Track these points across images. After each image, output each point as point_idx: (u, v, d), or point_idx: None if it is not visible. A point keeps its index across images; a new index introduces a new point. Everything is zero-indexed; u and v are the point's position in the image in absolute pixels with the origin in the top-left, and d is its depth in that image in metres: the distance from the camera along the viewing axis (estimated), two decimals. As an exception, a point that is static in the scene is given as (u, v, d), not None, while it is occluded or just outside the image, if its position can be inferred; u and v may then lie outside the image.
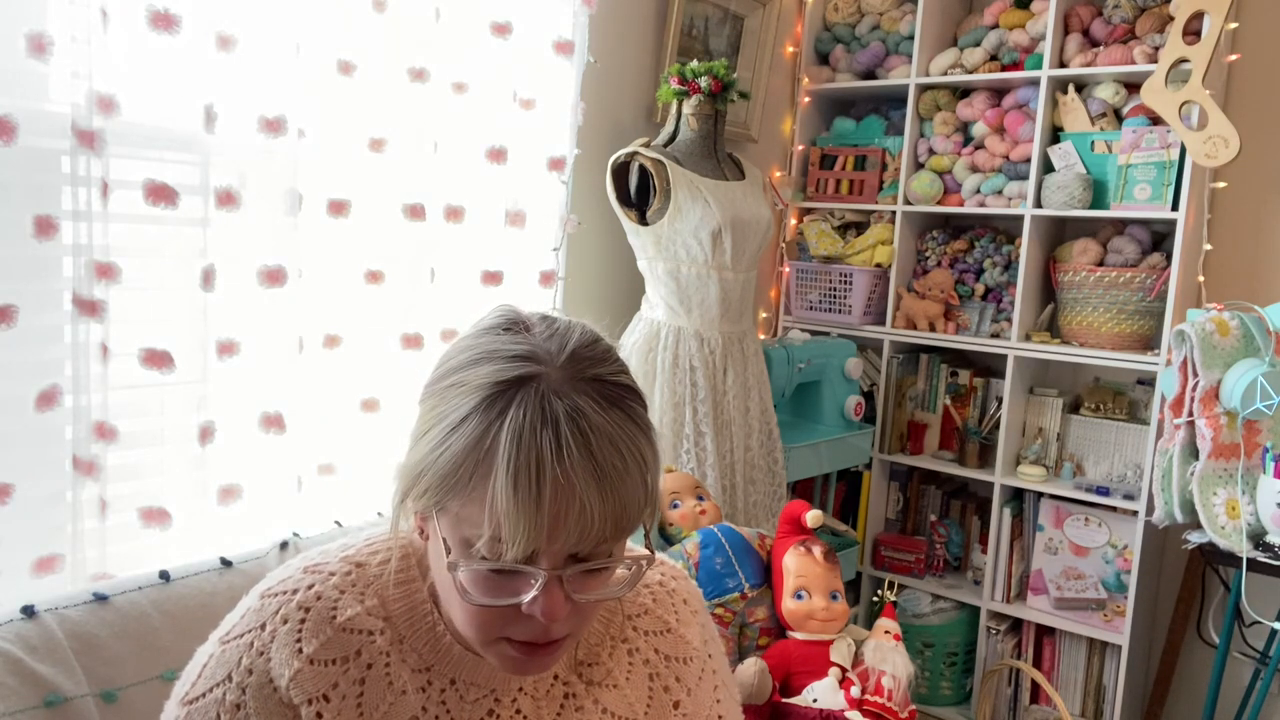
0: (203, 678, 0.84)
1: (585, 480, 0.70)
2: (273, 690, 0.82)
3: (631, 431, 0.74)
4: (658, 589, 0.98)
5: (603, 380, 0.75)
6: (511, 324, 0.79)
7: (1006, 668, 2.63)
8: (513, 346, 0.75)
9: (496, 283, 2.03)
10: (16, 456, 1.35)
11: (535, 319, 0.81)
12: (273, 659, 0.82)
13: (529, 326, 0.79)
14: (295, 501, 1.70)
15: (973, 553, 2.81)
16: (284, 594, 0.85)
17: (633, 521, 0.75)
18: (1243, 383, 2.05)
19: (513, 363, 0.74)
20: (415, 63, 1.79)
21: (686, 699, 0.96)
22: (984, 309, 2.72)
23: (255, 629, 0.83)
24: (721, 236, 2.14)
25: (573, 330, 0.79)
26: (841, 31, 2.96)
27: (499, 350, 0.75)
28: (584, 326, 0.80)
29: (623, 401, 0.75)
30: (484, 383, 0.73)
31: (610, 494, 0.72)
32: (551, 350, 0.75)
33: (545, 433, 0.70)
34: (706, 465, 2.18)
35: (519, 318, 0.81)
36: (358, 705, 0.84)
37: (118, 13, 1.38)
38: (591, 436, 0.71)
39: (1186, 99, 2.23)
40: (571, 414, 0.71)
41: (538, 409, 0.71)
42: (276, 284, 1.61)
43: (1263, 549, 2.03)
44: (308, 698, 0.82)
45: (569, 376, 0.74)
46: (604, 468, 0.71)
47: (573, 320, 0.81)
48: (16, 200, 1.31)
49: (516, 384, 0.73)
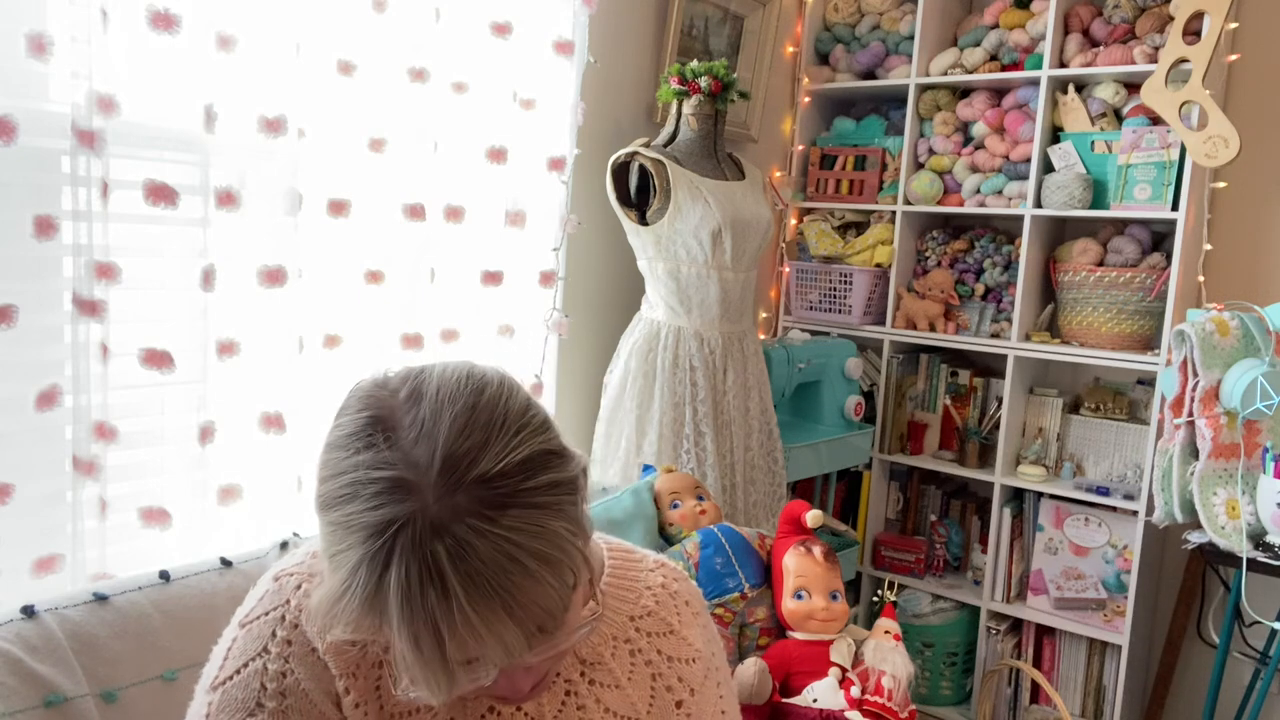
0: (230, 658, 0.83)
1: (488, 616, 0.66)
2: (315, 655, 0.82)
3: (531, 528, 0.67)
4: (660, 591, 0.98)
5: (485, 480, 0.67)
6: (373, 428, 0.70)
7: (1006, 668, 2.63)
8: (378, 471, 0.68)
9: (496, 283, 2.03)
10: (16, 456, 1.35)
11: (402, 405, 0.71)
12: (306, 629, 0.82)
13: (394, 428, 0.70)
14: (295, 501, 1.70)
15: (973, 553, 2.81)
16: (299, 573, 0.86)
17: (560, 608, 0.70)
18: (1243, 383, 2.05)
19: (382, 499, 0.67)
20: (415, 63, 1.79)
21: (690, 699, 0.97)
22: (984, 309, 2.72)
23: (280, 604, 0.84)
24: (721, 236, 2.14)
25: (445, 409, 0.69)
26: (841, 31, 2.96)
27: (365, 479, 0.68)
28: (459, 388, 0.71)
29: (518, 494, 0.68)
30: (360, 526, 0.67)
31: (518, 611, 0.67)
32: (421, 463, 0.67)
33: (430, 590, 0.65)
34: (706, 465, 2.18)
35: (380, 415, 0.71)
36: (376, 689, 0.84)
37: (118, 13, 1.38)
38: (483, 571, 0.65)
39: (1186, 99, 2.23)
40: (454, 555, 0.65)
41: (416, 564, 0.65)
42: (276, 284, 1.61)
43: (1263, 549, 2.03)
44: (339, 672, 0.83)
45: (445, 497, 0.66)
46: (507, 594, 0.66)
47: (449, 378, 0.72)
48: (16, 200, 1.31)
49: (392, 532, 0.66)
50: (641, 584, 0.98)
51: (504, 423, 0.70)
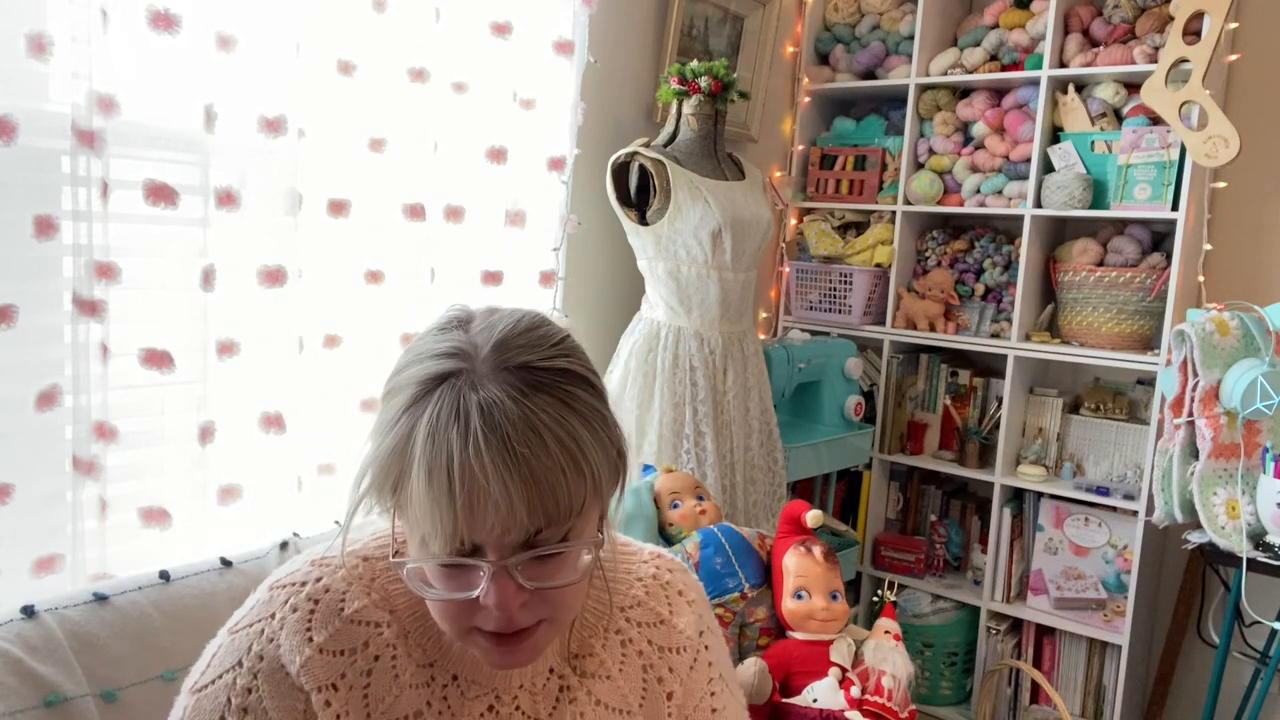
0: (212, 666, 0.85)
1: (497, 470, 0.70)
2: (285, 675, 0.83)
3: (558, 415, 0.73)
4: (651, 582, 0.98)
5: (530, 367, 0.74)
6: (450, 322, 0.80)
7: (1006, 668, 2.63)
8: (441, 344, 0.76)
9: (496, 283, 2.03)
10: (16, 456, 1.35)
11: (479, 314, 0.81)
12: (283, 645, 0.83)
13: (468, 322, 0.79)
14: (295, 501, 1.70)
15: (973, 553, 2.81)
16: (292, 585, 0.86)
17: (569, 506, 0.73)
18: (1243, 383, 2.05)
19: (437, 360, 0.75)
20: (415, 63, 1.79)
21: (679, 689, 0.96)
22: (984, 309, 2.72)
23: (265, 618, 0.84)
24: (721, 236, 2.14)
25: (509, 318, 0.79)
26: (841, 31, 2.96)
27: (428, 350, 0.76)
28: (527, 314, 0.80)
29: (553, 387, 0.74)
30: (410, 383, 0.75)
31: (530, 482, 0.70)
32: (478, 343, 0.76)
33: (455, 427, 0.71)
34: (706, 465, 2.18)
35: (461, 314, 0.81)
36: (364, 696, 0.84)
37: (118, 13, 1.38)
38: (505, 426, 0.70)
39: (1186, 99, 2.23)
40: (484, 406, 0.71)
41: (451, 405, 0.72)
42: (276, 284, 1.61)
43: (1263, 549, 2.03)
44: (317, 685, 0.83)
45: (493, 368, 0.74)
46: (518, 455, 0.70)
47: (521, 310, 0.81)
48: (16, 200, 1.31)
49: (437, 381, 0.74)
50: (633, 575, 0.97)
51: (556, 342, 0.78)
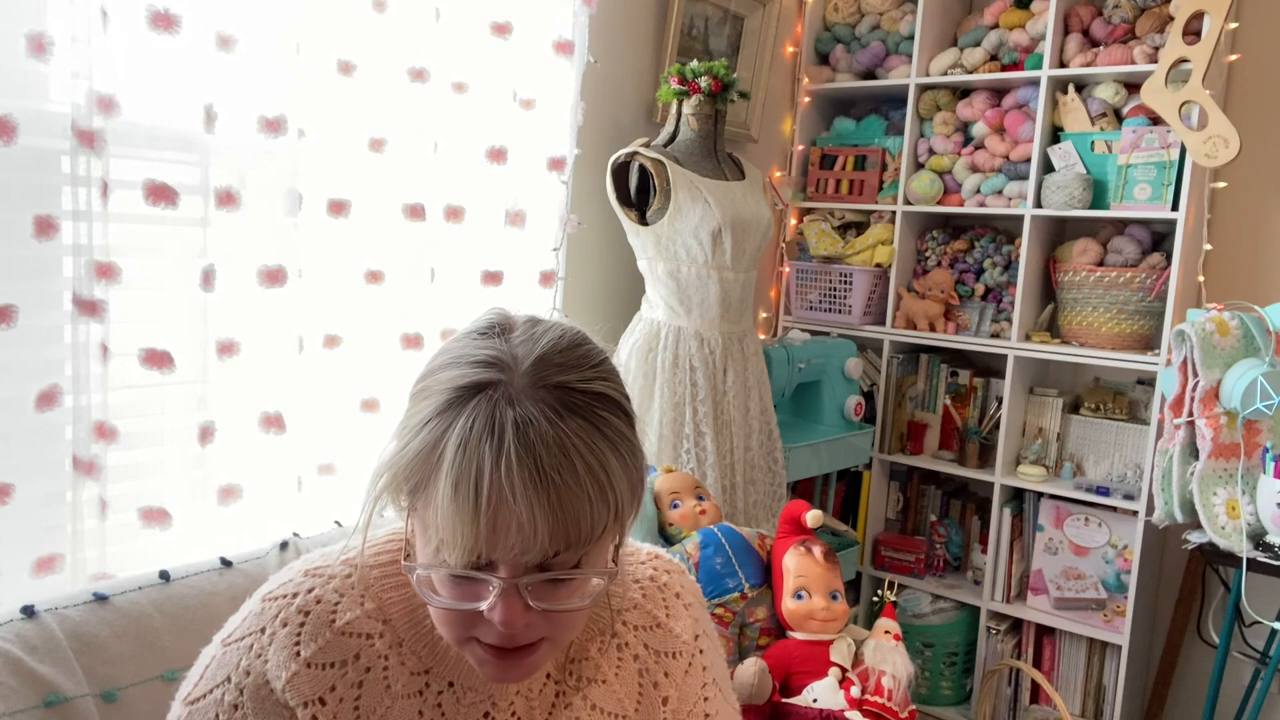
0: (204, 679, 0.85)
1: (526, 492, 0.69)
2: (269, 692, 0.83)
3: (590, 441, 0.72)
4: (648, 584, 0.97)
5: (568, 388, 0.73)
6: (491, 327, 0.78)
7: (1006, 668, 2.63)
8: (481, 351, 0.75)
9: (496, 283, 2.03)
10: (16, 456, 1.35)
11: (521, 322, 0.80)
12: (269, 661, 0.83)
13: (509, 330, 0.78)
14: (295, 501, 1.70)
15: (973, 553, 2.81)
16: (284, 598, 0.85)
17: (590, 533, 0.72)
18: (1243, 383, 2.05)
19: (475, 368, 0.74)
20: (415, 63, 1.79)
21: (674, 694, 0.96)
22: (984, 309, 2.72)
23: (255, 632, 0.84)
24: (721, 236, 2.14)
25: (552, 334, 0.77)
26: (841, 31, 2.96)
27: (467, 355, 0.75)
28: (569, 331, 0.79)
29: (589, 410, 0.73)
30: (446, 387, 0.74)
31: (557, 507, 0.70)
32: (518, 355, 0.75)
33: (488, 442, 0.70)
34: (706, 465, 2.18)
35: (503, 321, 0.80)
36: (355, 708, 0.84)
37: (118, 13, 1.38)
38: (538, 446, 0.70)
39: (1186, 99, 2.23)
40: (520, 423, 0.70)
41: (486, 418, 0.71)
42: (276, 284, 1.61)
43: (1263, 549, 2.03)
44: (304, 700, 0.82)
45: (530, 384, 0.73)
46: (549, 479, 0.69)
47: (564, 323, 0.80)
48: (16, 200, 1.31)
49: (474, 391, 0.72)
50: (630, 576, 0.96)
51: (596, 364, 0.77)
